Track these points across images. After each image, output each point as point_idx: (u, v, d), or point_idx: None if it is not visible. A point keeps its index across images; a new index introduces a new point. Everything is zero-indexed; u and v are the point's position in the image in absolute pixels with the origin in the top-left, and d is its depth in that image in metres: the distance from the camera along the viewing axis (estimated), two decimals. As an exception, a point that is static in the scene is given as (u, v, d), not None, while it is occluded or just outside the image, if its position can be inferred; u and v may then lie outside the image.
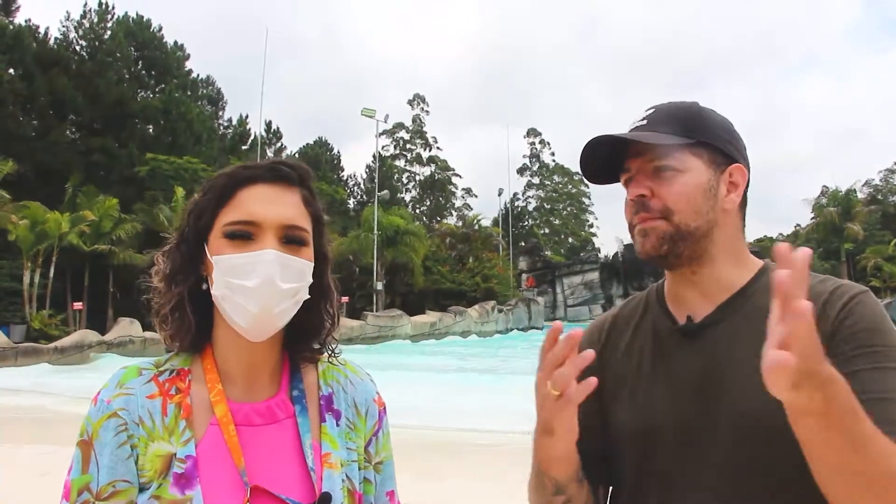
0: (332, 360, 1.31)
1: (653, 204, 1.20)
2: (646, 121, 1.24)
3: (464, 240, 48.71)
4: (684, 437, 1.18)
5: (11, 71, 36.41)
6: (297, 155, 59.39)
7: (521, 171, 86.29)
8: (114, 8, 45.41)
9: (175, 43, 49.16)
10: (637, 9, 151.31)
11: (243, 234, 1.13)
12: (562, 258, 68.70)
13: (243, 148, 49.31)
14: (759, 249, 1.32)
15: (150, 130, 42.42)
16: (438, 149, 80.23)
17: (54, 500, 1.15)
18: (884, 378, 1.05)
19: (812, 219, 56.45)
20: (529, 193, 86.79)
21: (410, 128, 79.08)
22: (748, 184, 1.26)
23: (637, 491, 1.24)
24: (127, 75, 44.36)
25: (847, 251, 50.96)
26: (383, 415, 1.34)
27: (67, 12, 43.83)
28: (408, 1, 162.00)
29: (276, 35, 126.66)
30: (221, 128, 52.84)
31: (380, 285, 39.46)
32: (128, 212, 34.32)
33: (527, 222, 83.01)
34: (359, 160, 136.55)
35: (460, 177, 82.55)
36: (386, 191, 48.58)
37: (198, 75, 51.60)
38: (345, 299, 36.48)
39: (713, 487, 1.13)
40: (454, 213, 78.32)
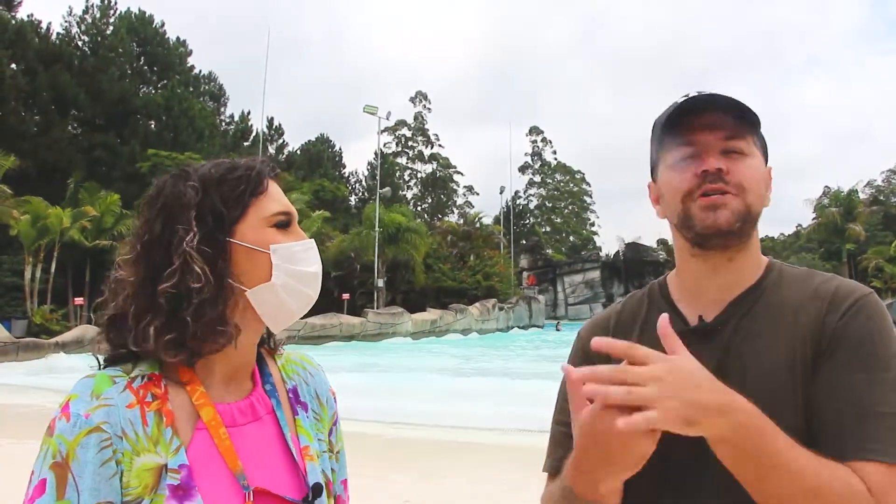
0: (288, 353, 1.31)
1: (729, 178, 1.15)
2: (712, 99, 1.17)
3: (465, 238, 48.70)
4: (696, 446, 1.08)
5: (14, 66, 36.42)
6: (298, 152, 59.40)
7: (522, 169, 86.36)
8: (116, 3, 45.54)
9: (177, 39, 49.29)
10: (639, 9, 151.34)
11: (286, 224, 1.15)
12: (563, 257, 68.77)
13: (245, 144, 49.32)
14: (762, 249, 1.30)
15: (152, 126, 42.45)
16: (440, 146, 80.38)
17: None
18: (876, 391, 1.04)
19: (814, 219, 56.46)
20: (531, 191, 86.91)
21: (412, 125, 79.13)
22: None
23: (652, 496, 1.18)
24: (129, 71, 44.40)
25: (848, 252, 50.96)
26: (336, 404, 1.35)
27: (70, 7, 44.16)
28: (411, 1, 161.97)
29: (280, 32, 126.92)
30: (223, 124, 52.86)
31: (381, 283, 39.46)
32: (129, 208, 34.24)
33: (528, 220, 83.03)
34: (361, 157, 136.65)
35: (462, 174, 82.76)
36: (387, 188, 48.58)
37: (200, 71, 51.77)
38: (346, 296, 36.76)
39: (730, 497, 1.07)
40: (455, 211, 78.50)
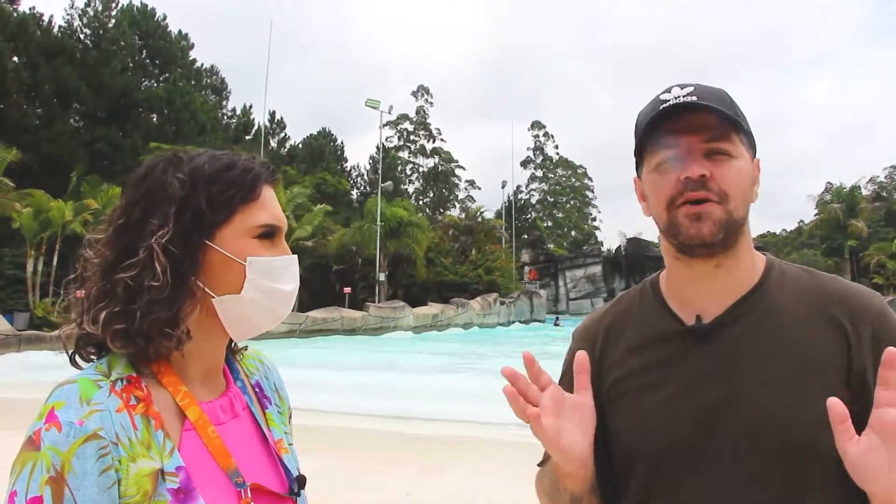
0: (241, 350, 1.30)
1: (711, 185, 1.10)
2: (696, 97, 1.12)
3: (467, 232, 48.66)
4: (695, 449, 1.11)
5: (16, 59, 36.36)
6: (300, 145, 59.35)
7: (524, 163, 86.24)
8: (118, -4, 45.37)
9: (179, 32, 49.14)
10: (641, 6, 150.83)
11: (271, 235, 1.11)
12: (564, 251, 68.66)
13: (247, 138, 49.25)
14: (763, 245, 1.28)
15: (154, 120, 42.41)
16: (442, 140, 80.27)
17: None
18: None
19: (816, 215, 56.37)
20: (533, 186, 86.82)
21: (414, 119, 78.99)
22: None
23: (645, 501, 1.17)
24: (131, 64, 44.33)
25: (850, 248, 50.84)
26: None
27: (72, 0, 43.79)
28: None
29: (282, 27, 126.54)
30: (225, 118, 52.79)
31: (382, 276, 39.46)
32: (131, 201, 34.27)
33: (530, 215, 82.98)
34: (362, 151, 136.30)
35: (464, 169, 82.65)
36: (389, 182, 48.54)
37: (202, 65, 51.62)
38: (347, 290, 36.77)
39: (727, 499, 1.08)
40: (457, 205, 78.36)
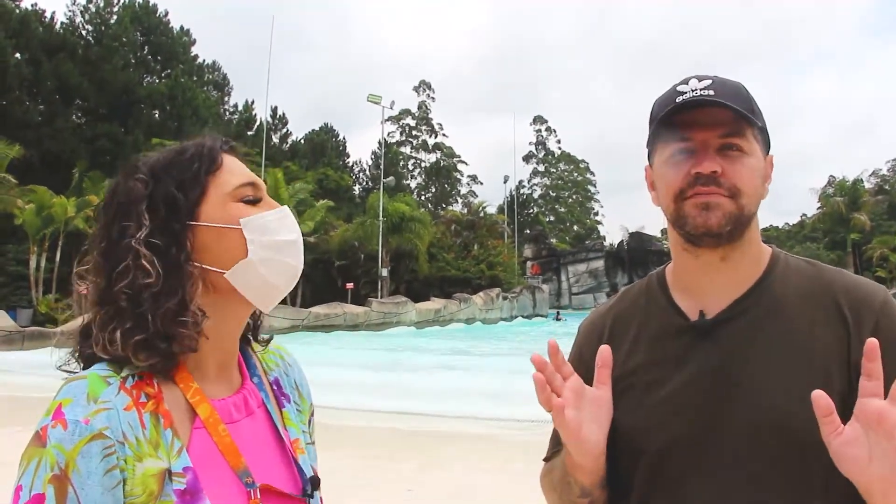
0: (264, 345, 1.27)
1: (722, 181, 1.10)
2: (713, 91, 1.11)
3: (469, 227, 48.63)
4: (697, 446, 1.11)
5: (18, 55, 36.36)
6: (302, 141, 59.30)
7: (526, 158, 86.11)
8: (119, -8, 45.33)
9: (181, 28, 49.14)
10: (645, 0, 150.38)
11: (255, 198, 1.10)
12: (567, 246, 68.69)
13: (249, 133, 49.23)
14: (766, 239, 1.28)
15: (156, 116, 42.42)
16: (444, 136, 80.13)
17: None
18: None
19: (819, 209, 56.29)
20: (535, 181, 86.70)
21: (416, 114, 78.88)
22: None
23: (647, 498, 1.17)
24: (133, 60, 44.32)
25: (853, 241, 50.79)
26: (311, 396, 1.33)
27: (73, -4, 43.74)
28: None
29: (284, 22, 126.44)
30: (227, 114, 52.77)
31: (385, 272, 39.46)
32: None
33: (532, 210, 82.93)
34: (364, 147, 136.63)
35: (466, 164, 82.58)
36: (391, 177, 48.47)
37: (204, 61, 51.60)
38: (349, 286, 36.78)
39: (729, 495, 1.08)
40: (459, 201, 78.30)
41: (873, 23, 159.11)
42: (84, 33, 43.12)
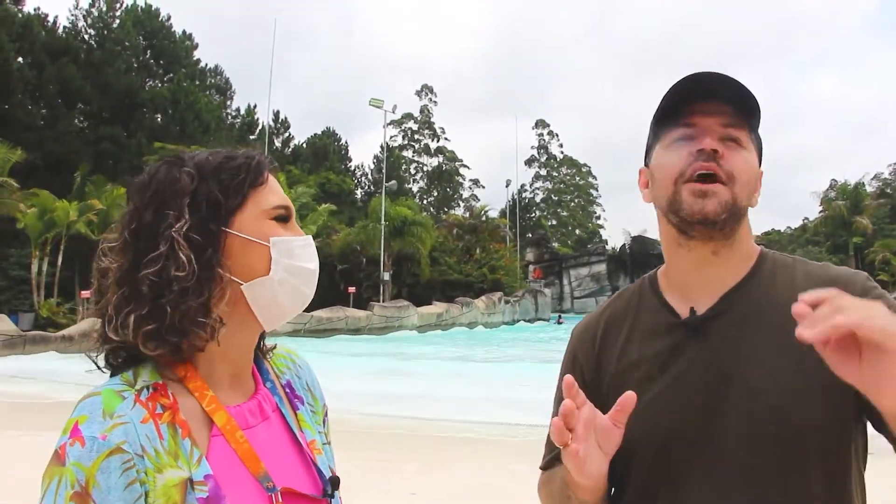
0: (270, 349, 1.28)
1: (721, 163, 1.12)
2: (718, 73, 1.15)
3: (471, 231, 48.61)
4: (693, 444, 1.12)
5: (20, 59, 36.47)
6: (304, 145, 59.45)
7: (528, 162, 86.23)
8: (122, -3, 45.45)
9: (183, 32, 49.30)
10: (648, 1, 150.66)
11: (285, 219, 1.12)
12: (569, 250, 68.69)
13: (251, 137, 49.34)
14: (767, 243, 1.28)
15: (159, 119, 42.51)
16: (446, 139, 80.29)
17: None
18: None
19: (820, 212, 56.22)
20: (537, 185, 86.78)
21: (418, 118, 79.03)
22: None
23: (645, 496, 1.18)
24: (135, 64, 44.44)
25: (855, 245, 50.72)
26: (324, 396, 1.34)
27: (76, 1, 43.84)
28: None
29: (286, 26, 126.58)
30: (229, 117, 52.88)
31: (387, 276, 39.47)
32: (136, 201, 34.34)
33: (534, 214, 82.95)
34: (367, 151, 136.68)
35: (468, 168, 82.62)
36: (393, 181, 48.51)
37: (206, 65, 51.75)
38: (351, 290, 36.79)
39: (727, 490, 1.08)
40: (461, 204, 78.41)
41: (877, 24, 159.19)
42: (87, 37, 43.24)
